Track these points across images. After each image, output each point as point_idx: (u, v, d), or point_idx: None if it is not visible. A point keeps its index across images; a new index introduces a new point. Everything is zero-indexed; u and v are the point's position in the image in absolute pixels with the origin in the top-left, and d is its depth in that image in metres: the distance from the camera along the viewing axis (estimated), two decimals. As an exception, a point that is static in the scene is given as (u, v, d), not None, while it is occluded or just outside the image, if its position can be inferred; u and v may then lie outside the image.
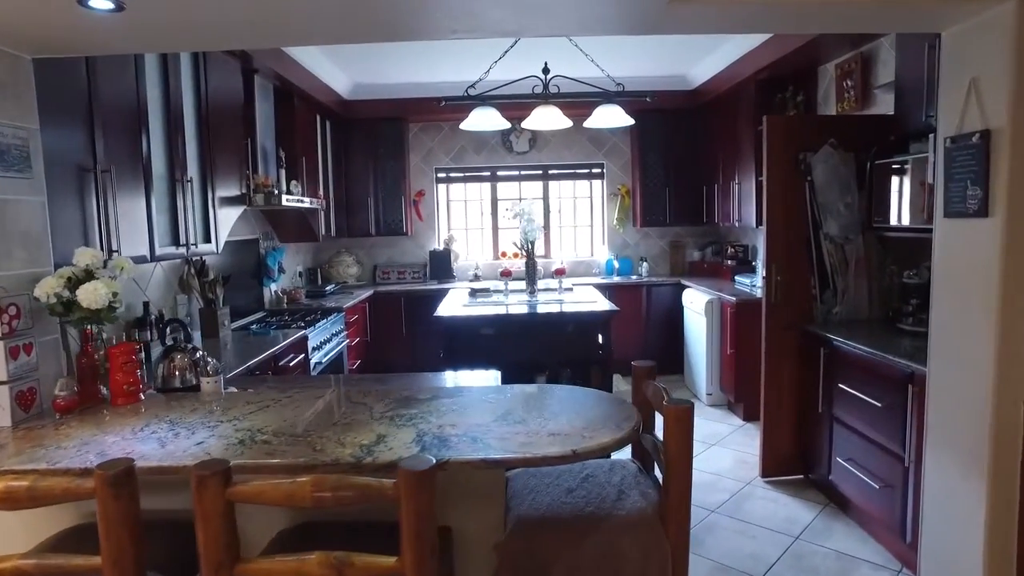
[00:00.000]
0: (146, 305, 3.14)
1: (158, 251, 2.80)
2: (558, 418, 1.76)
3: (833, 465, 3.23)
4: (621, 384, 5.75)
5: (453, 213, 6.73)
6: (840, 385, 3.08)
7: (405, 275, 6.48)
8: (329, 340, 4.38)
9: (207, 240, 3.28)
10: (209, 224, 3.30)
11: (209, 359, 2.28)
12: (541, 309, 3.88)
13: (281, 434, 1.72)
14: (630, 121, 4.12)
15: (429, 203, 6.52)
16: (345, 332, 4.83)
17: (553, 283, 4.37)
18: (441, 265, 6.34)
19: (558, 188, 6.69)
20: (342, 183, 6.02)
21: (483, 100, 4.08)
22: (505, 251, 6.50)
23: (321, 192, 5.38)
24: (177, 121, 2.98)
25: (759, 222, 4.73)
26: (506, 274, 4.28)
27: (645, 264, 6.37)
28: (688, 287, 5.65)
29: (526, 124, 4.13)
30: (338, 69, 5.38)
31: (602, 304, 3.93)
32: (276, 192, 4.08)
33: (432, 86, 5.67)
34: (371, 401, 1.98)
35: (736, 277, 5.49)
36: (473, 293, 4.47)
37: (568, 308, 3.90)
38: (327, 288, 5.53)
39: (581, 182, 6.65)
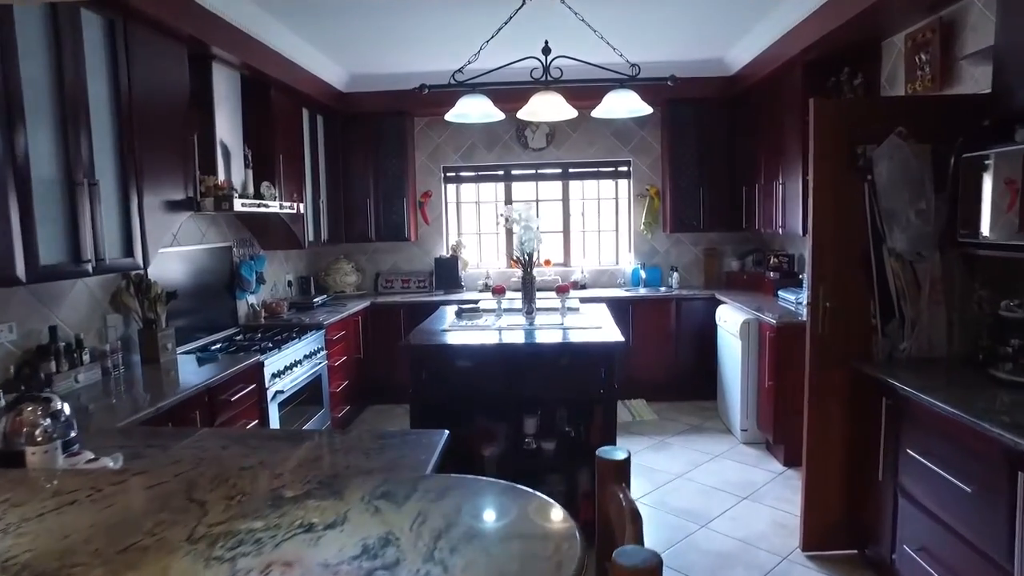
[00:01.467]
0: (53, 330, 2.64)
1: (42, 267, 2.28)
2: (455, 560, 1.13)
3: (898, 549, 2.49)
4: (645, 412, 5.06)
5: (463, 216, 6.14)
6: (909, 451, 2.35)
7: (409, 284, 5.92)
8: (299, 363, 3.84)
9: (128, 254, 2.76)
10: (132, 235, 2.78)
11: (47, 419, 1.73)
12: (535, 337, 3.24)
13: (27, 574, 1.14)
14: (648, 110, 3.44)
15: (436, 205, 5.94)
16: (325, 352, 4.29)
17: (555, 301, 3.72)
18: (448, 274, 5.76)
19: (580, 188, 6.02)
20: (339, 183, 5.49)
21: (471, 87, 3.46)
22: (518, 259, 5.85)
23: (308, 194, 4.86)
24: (76, 113, 2.46)
25: (806, 230, 3.98)
26: (498, 291, 3.65)
27: (676, 274, 5.64)
28: (723, 302, 4.92)
29: (523, 114, 3.50)
30: (329, 59, 4.85)
31: (609, 332, 3.26)
32: (235, 195, 3.55)
33: (439, 75, 5.06)
34: (212, 501, 1.38)
35: (779, 292, 4.73)
36: (460, 313, 3.83)
37: (568, 336, 3.24)
38: (316, 300, 5.01)
39: (605, 182, 5.97)
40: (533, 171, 5.90)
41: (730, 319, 4.49)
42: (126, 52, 2.75)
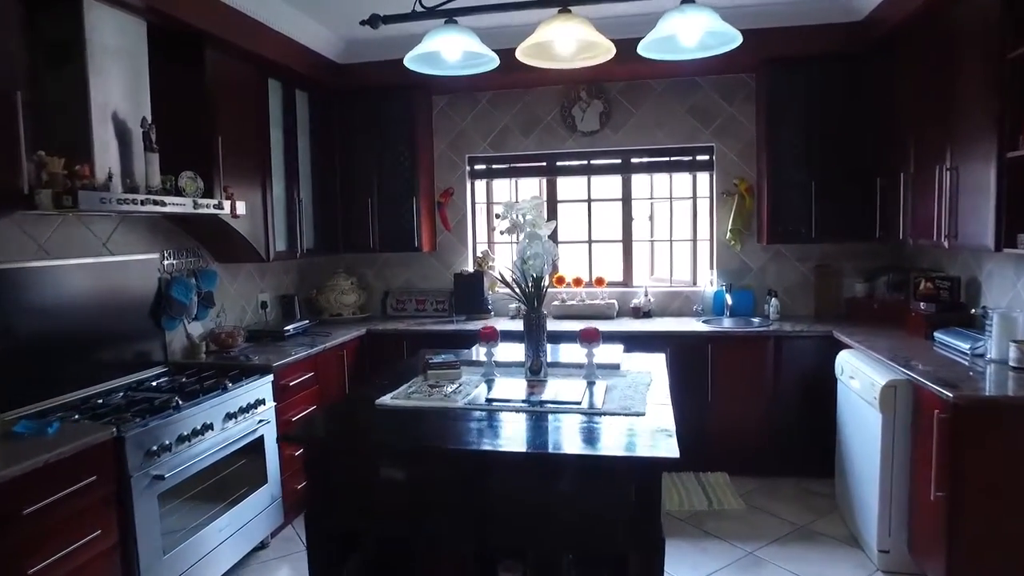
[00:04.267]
0: None
1: None
2: None
3: None
4: (727, 495, 3.60)
5: (495, 220, 4.86)
6: None
7: (424, 306, 4.71)
8: (212, 428, 2.68)
9: None
10: None
11: None
12: (529, 432, 1.89)
13: None
14: (735, 36, 2.05)
15: (459, 206, 4.71)
16: (274, 405, 3.13)
17: (579, 352, 2.35)
18: (470, 295, 4.50)
19: (645, 184, 4.61)
20: (331, 179, 4.36)
21: (448, 14, 2.19)
22: (562, 276, 4.53)
23: (279, 191, 3.74)
24: None
25: (1005, 241, 2.44)
26: (487, 336, 2.33)
27: (774, 300, 4.13)
28: (847, 345, 3.39)
29: (524, 52, 2.19)
30: (313, 19, 3.72)
31: (660, 421, 1.88)
32: (97, 187, 2.44)
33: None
34: None
35: (936, 334, 3.16)
36: (428, 367, 2.48)
37: (587, 434, 1.87)
38: (290, 327, 3.87)
39: (679, 176, 4.53)
40: (584, 162, 4.55)
41: (861, 375, 2.97)
42: None
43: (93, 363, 2.80)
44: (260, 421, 3.00)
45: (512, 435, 1.82)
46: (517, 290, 2.27)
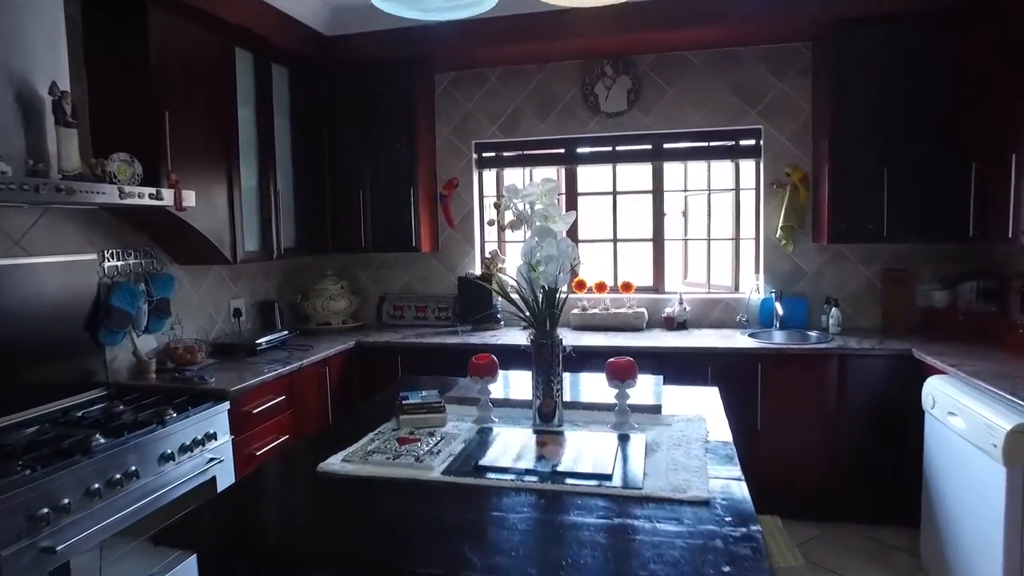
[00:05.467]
0: None
1: None
2: None
3: None
4: (781, 546, 2.95)
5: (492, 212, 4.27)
6: None
7: (426, 313, 4.13)
8: (138, 476, 2.11)
9: None
10: None
11: None
12: (534, 533, 1.29)
13: None
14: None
15: (464, 199, 4.11)
16: (230, 439, 2.56)
17: (605, 391, 1.73)
18: (476, 302, 3.90)
19: (680, 174, 3.98)
20: (316, 167, 3.79)
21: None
22: (583, 280, 3.92)
23: (251, 180, 3.18)
24: None
25: None
26: (481, 368, 1.73)
27: (835, 310, 3.48)
28: (937, 369, 2.74)
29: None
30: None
31: (734, 510, 1.28)
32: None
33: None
34: None
35: (1057, 357, 2.51)
36: (402, 410, 1.84)
37: (620, 548, 1.25)
38: (263, 340, 3.31)
39: (719, 164, 3.89)
40: (609, 148, 3.93)
41: (968, 412, 2.32)
42: None
43: (40, 378, 2.28)
44: (211, 460, 2.44)
45: (509, 545, 1.20)
46: (522, 305, 1.67)
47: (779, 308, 3.59)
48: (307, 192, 3.69)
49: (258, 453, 2.73)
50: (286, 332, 3.53)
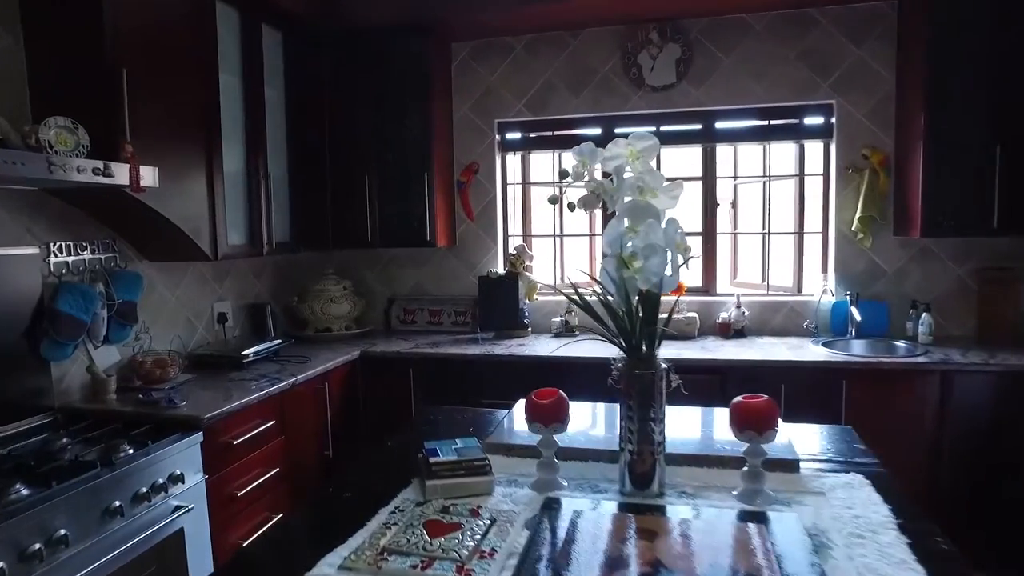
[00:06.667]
0: None
1: None
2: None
3: None
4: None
5: (534, 205, 3.76)
6: None
7: (440, 318, 3.62)
8: (67, 542, 1.60)
9: None
10: None
11: None
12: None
13: None
14: None
15: (486, 187, 3.59)
16: (203, 479, 2.05)
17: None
18: (500, 304, 3.39)
19: (734, 158, 3.45)
20: (317, 148, 3.28)
21: None
22: (604, 302, 3.38)
23: (237, 160, 2.67)
24: None
25: None
26: (548, 413, 1.20)
27: (926, 316, 2.95)
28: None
29: None
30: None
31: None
32: None
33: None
34: None
35: None
36: (431, 472, 1.20)
37: None
38: (251, 350, 2.79)
39: (782, 146, 3.36)
40: (653, 128, 3.40)
41: None
42: None
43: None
44: (177, 509, 1.92)
45: None
46: (608, 319, 1.15)
47: (856, 313, 3.06)
48: (304, 177, 3.17)
49: (240, 493, 2.22)
50: (279, 340, 3.01)
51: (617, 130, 3.42)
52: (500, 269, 3.57)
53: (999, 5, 2.63)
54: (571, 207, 1.25)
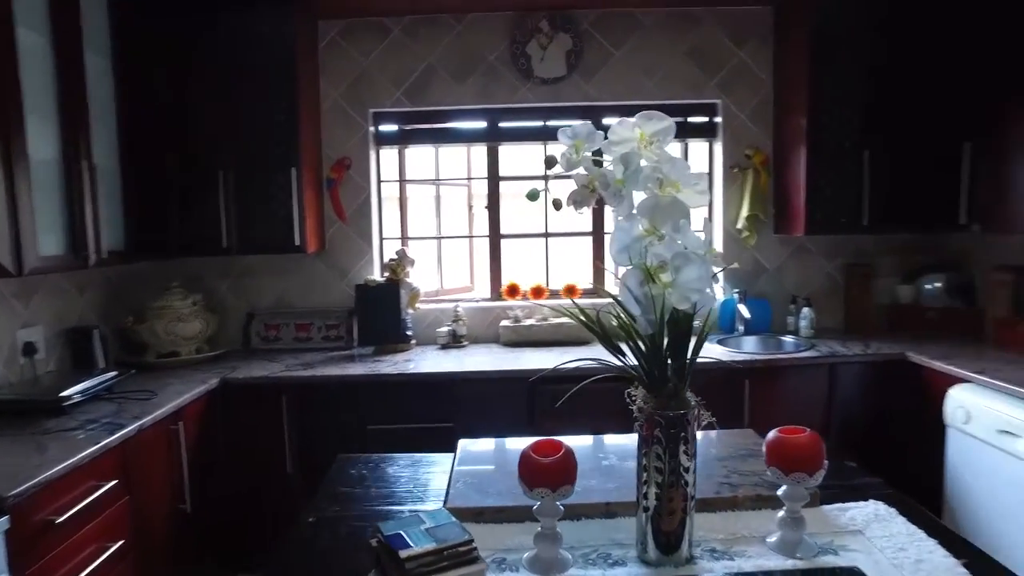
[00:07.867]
0: None
1: None
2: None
3: None
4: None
5: (415, 205, 3.43)
6: None
7: (310, 332, 3.17)
8: None
9: None
10: None
11: None
12: None
13: None
14: None
15: (360, 186, 3.20)
16: (20, 576, 1.51)
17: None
18: (380, 314, 3.03)
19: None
20: (157, 134, 2.70)
21: None
22: (515, 284, 3.18)
23: (22, 142, 2.06)
24: None
25: None
26: (553, 475, 0.87)
27: (807, 311, 3.07)
28: (954, 377, 2.36)
29: None
30: None
31: None
32: None
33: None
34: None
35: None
36: (405, 569, 0.83)
37: None
38: (74, 389, 2.18)
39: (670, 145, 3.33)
40: (540, 122, 3.22)
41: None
42: None
43: None
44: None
45: None
46: (628, 344, 0.91)
47: (744, 311, 3.11)
48: (141, 169, 2.59)
49: (73, 583, 1.69)
50: (114, 373, 2.40)
51: (503, 124, 3.22)
52: (378, 276, 3.20)
53: (879, 12, 2.77)
54: (557, 205, 0.99)
